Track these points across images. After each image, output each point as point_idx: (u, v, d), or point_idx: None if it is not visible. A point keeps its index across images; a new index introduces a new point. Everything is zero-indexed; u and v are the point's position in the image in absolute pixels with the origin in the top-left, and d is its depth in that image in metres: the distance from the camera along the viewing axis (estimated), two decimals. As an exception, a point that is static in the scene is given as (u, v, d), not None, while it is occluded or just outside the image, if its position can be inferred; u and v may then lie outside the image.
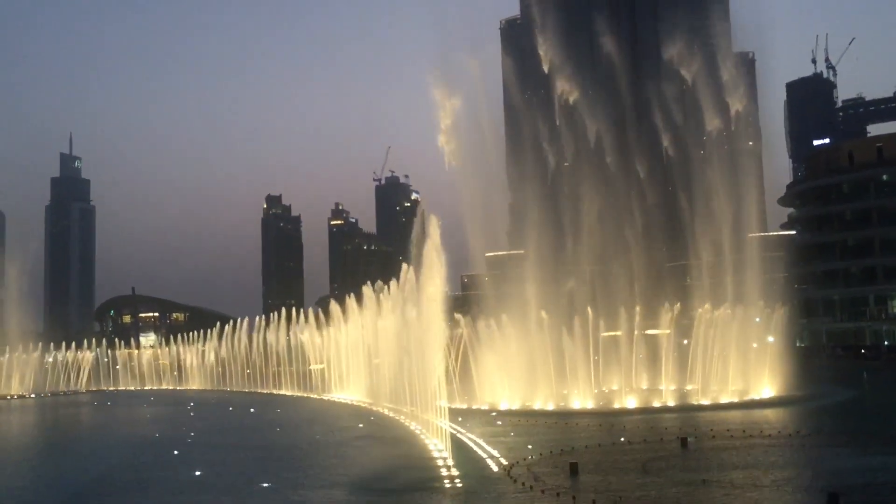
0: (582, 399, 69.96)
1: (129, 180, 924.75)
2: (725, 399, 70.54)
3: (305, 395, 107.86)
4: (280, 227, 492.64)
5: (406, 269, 62.56)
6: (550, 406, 69.12)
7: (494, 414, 65.92)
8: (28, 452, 57.29)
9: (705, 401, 69.90)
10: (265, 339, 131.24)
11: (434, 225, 47.11)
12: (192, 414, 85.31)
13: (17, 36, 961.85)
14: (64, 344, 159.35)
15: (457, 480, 35.36)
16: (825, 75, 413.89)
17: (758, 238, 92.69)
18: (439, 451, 42.65)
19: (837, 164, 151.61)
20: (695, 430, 49.69)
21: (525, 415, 64.31)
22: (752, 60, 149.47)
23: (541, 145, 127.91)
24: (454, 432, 47.27)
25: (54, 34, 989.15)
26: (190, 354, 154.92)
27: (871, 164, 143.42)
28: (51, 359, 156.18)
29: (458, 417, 56.74)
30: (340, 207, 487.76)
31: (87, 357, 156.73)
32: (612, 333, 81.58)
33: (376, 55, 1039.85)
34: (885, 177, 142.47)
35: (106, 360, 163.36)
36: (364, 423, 64.56)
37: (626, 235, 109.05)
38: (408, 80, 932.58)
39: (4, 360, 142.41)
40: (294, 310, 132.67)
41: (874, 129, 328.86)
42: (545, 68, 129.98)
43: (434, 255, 46.97)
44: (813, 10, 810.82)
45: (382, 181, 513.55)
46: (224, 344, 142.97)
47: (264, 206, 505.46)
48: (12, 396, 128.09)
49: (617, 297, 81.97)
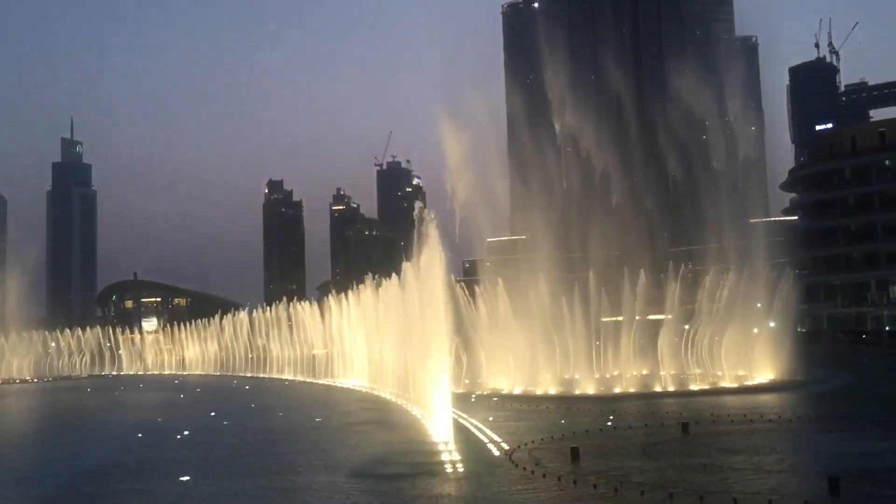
0: (583, 384, 70.13)
1: (130, 165, 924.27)
2: (726, 384, 70.90)
3: (310, 379, 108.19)
4: (282, 212, 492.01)
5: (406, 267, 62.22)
6: (552, 391, 69.32)
7: (496, 399, 66.10)
8: (30, 436, 57.52)
9: (706, 385, 70.26)
10: (267, 324, 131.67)
11: (432, 227, 47.25)
12: (192, 398, 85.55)
13: (18, 21, 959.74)
14: (67, 329, 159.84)
15: (458, 465, 35.52)
16: (828, 60, 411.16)
17: (760, 223, 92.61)
18: (441, 435, 42.76)
19: (840, 149, 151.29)
20: (696, 415, 49.80)
21: (527, 400, 64.48)
22: (755, 45, 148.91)
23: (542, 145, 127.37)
24: (456, 417, 47.39)
25: (55, 19, 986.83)
26: (192, 339, 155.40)
27: (873, 149, 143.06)
28: (53, 344, 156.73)
29: (460, 402, 56.87)
30: (342, 192, 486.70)
31: (89, 341, 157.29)
32: (614, 318, 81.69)
33: (378, 40, 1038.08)
34: (887, 162, 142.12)
35: (108, 344, 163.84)
36: (367, 408, 64.78)
37: (629, 223, 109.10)
38: (410, 65, 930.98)
39: (6, 345, 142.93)
40: (296, 298, 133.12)
41: (877, 114, 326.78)
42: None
43: (435, 248, 47.11)
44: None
45: (384, 166, 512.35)
46: (227, 329, 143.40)
47: (266, 191, 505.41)
48: (14, 380, 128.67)
49: (618, 283, 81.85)
